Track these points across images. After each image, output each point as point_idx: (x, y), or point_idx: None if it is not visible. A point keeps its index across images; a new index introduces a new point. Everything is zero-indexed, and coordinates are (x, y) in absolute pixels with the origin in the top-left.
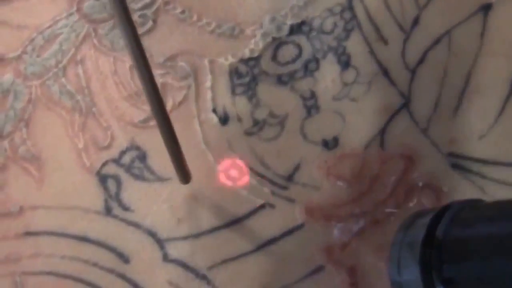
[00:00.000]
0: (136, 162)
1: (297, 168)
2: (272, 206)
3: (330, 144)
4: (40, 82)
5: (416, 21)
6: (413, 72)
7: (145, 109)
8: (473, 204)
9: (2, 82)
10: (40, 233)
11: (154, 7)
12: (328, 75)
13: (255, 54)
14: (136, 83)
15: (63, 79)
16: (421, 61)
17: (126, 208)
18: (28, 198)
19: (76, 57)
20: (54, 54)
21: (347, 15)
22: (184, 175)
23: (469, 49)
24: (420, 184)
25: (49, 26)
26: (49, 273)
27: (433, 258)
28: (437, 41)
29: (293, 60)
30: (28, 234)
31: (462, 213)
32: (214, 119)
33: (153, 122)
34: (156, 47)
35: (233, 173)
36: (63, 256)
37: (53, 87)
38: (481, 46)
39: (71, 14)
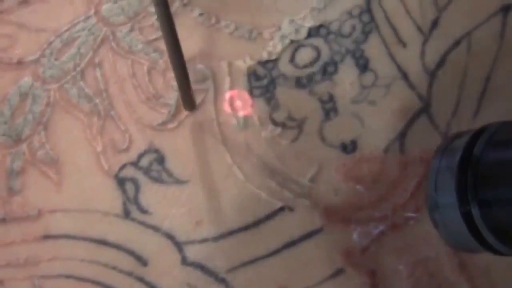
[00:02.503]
0: (154, 165)
1: (316, 171)
2: (291, 209)
3: (349, 147)
4: (58, 86)
5: (435, 24)
6: (432, 75)
7: (163, 112)
8: (510, 126)
9: (20, 86)
10: (59, 236)
11: (173, 9)
12: (347, 78)
13: (273, 57)
14: (154, 86)
15: (81, 82)
16: (440, 64)
17: (144, 211)
18: (46, 201)
19: (94, 60)
20: (72, 57)
21: (366, 17)
22: (189, 102)
23: (489, 51)
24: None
25: (67, 29)
26: (68, 277)
27: (469, 180)
28: (456, 44)
29: (311, 63)
30: (47, 237)
31: (498, 135)
32: (233, 121)
33: (171, 125)
34: None
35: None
36: (82, 259)
37: (71, 90)
38: (501, 48)
39: (89, 17)
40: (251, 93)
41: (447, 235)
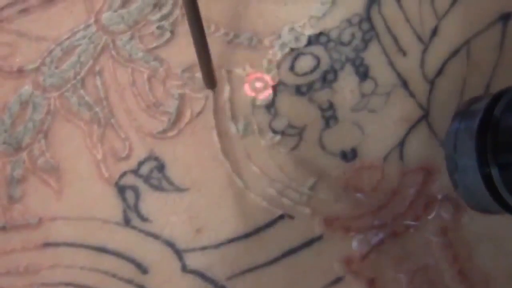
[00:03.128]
0: (154, 173)
1: (316, 179)
2: (291, 217)
3: (349, 155)
4: (58, 94)
5: (434, 32)
6: (432, 83)
7: (163, 120)
8: None
9: (21, 94)
10: (59, 244)
11: (172, 18)
12: (347, 86)
13: (273, 65)
14: (154, 94)
15: (81, 91)
16: (440, 72)
17: (144, 219)
18: (47, 209)
19: (94, 68)
20: (72, 66)
21: (365, 26)
22: (211, 80)
23: (488, 59)
24: (439, 196)
25: (68, 38)
26: (68, 284)
27: (488, 143)
28: (456, 52)
29: (311, 71)
30: (47, 245)
31: None
32: (233, 129)
33: (171, 133)
34: (174, 58)
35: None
36: (82, 267)
37: (72, 98)
38: (500, 56)
39: (89, 26)
40: (251, 101)
41: (467, 196)
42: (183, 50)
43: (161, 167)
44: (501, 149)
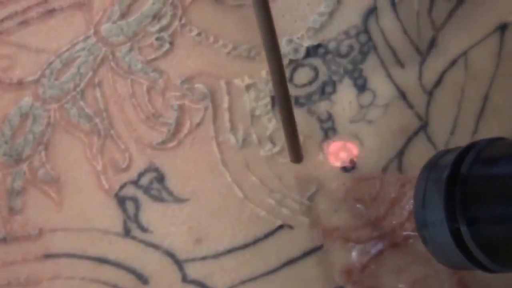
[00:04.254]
0: (154, 184)
1: (315, 189)
2: (290, 227)
3: (348, 166)
4: (58, 106)
5: (432, 43)
6: (430, 94)
7: (162, 131)
8: (498, 142)
9: (21, 106)
10: (60, 255)
11: (171, 30)
12: (345, 98)
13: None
14: (153, 105)
15: (81, 102)
16: (438, 83)
17: (145, 230)
18: (47, 220)
19: (94, 80)
20: (72, 78)
21: (363, 38)
22: (297, 155)
23: (486, 69)
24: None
25: (67, 50)
26: None
27: (457, 196)
28: (453, 63)
29: (310, 83)
30: (48, 256)
31: (486, 152)
32: (232, 140)
33: (171, 144)
34: (173, 69)
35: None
36: (82, 278)
37: (72, 110)
38: (498, 66)
39: (88, 37)
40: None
41: (436, 252)
42: (182, 61)
43: (161, 178)
44: (469, 204)
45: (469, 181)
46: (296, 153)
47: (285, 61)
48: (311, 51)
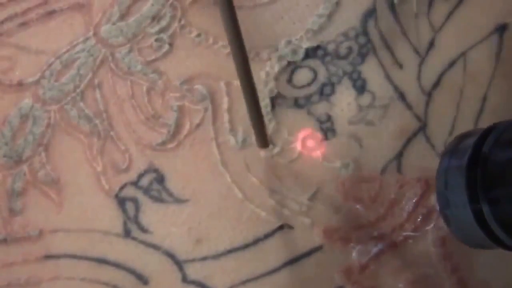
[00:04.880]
0: (154, 185)
1: (315, 190)
2: (290, 227)
3: (348, 167)
4: (58, 107)
5: (431, 44)
6: (429, 95)
7: (162, 132)
8: None
9: (21, 107)
10: (60, 256)
11: (170, 31)
12: (344, 99)
13: (271, 77)
14: (153, 106)
15: (81, 104)
16: (436, 84)
17: (145, 230)
18: (47, 221)
19: (94, 81)
20: (72, 79)
21: (362, 39)
22: (263, 140)
23: (485, 70)
24: (438, 207)
25: (67, 51)
26: None
27: (478, 179)
28: (452, 64)
29: (309, 84)
30: (48, 257)
31: (506, 134)
32: (232, 141)
33: (170, 145)
34: (172, 70)
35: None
36: (83, 279)
37: (72, 111)
38: (497, 67)
39: (88, 39)
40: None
41: (459, 232)
42: (181, 62)
43: (160, 179)
44: (491, 185)
45: (489, 163)
46: (263, 139)
47: (283, 63)
48: (310, 53)
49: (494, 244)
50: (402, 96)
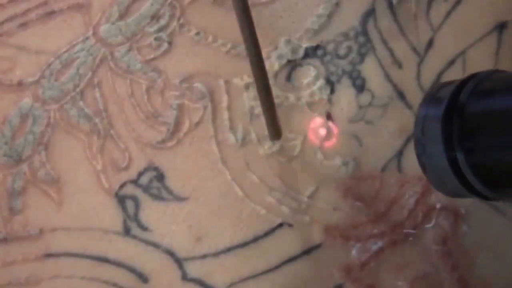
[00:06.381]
0: (154, 183)
1: (315, 188)
2: (290, 225)
3: (348, 165)
4: (58, 106)
5: (430, 43)
6: None
7: (162, 130)
8: (496, 75)
9: (21, 107)
10: (60, 254)
11: (170, 30)
12: (344, 98)
13: (271, 75)
14: (152, 105)
15: (81, 103)
16: (436, 83)
17: (144, 228)
18: (48, 220)
19: (93, 80)
20: (71, 78)
21: (362, 39)
22: (275, 131)
23: (484, 69)
24: (438, 205)
25: (66, 51)
26: None
27: (454, 128)
28: (451, 63)
29: (308, 83)
30: (48, 256)
31: (483, 84)
32: (231, 139)
33: (170, 143)
34: (172, 68)
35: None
36: (83, 277)
37: (71, 110)
38: (496, 66)
39: (87, 38)
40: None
41: (435, 179)
42: (181, 61)
43: (160, 177)
44: (466, 134)
45: (466, 113)
46: (276, 130)
47: (283, 61)
48: (310, 52)
49: (468, 193)
50: (401, 95)
